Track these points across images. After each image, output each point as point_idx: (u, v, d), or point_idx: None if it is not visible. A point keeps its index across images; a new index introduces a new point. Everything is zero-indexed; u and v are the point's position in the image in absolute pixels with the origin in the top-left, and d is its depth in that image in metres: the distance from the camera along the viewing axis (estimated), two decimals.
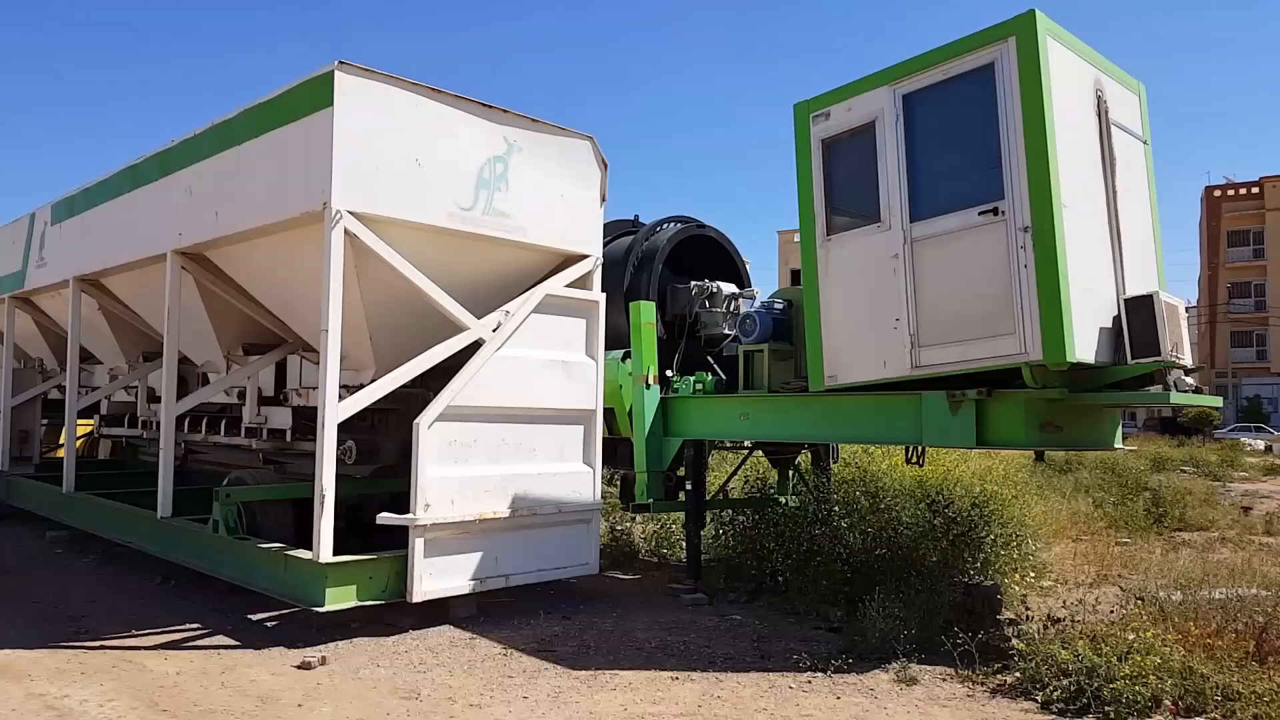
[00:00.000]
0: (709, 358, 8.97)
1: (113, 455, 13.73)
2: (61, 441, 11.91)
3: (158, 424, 8.78)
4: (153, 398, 10.71)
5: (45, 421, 13.06)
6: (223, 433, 9.31)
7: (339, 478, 6.52)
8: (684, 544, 8.69)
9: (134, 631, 6.53)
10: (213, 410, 9.71)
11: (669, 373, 8.43)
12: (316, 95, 6.46)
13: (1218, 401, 7.56)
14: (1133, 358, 5.86)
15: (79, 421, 11.18)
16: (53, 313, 11.77)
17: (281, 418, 8.51)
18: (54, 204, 10.75)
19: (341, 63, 6.36)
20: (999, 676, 5.56)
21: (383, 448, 7.66)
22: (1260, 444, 34.49)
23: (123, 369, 11.32)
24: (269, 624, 6.82)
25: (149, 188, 8.58)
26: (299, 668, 5.68)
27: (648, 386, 8.10)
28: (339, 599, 6.31)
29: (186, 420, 9.63)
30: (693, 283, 9.15)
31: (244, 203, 7.21)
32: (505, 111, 7.32)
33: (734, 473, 10.12)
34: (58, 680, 5.41)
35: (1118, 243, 6.26)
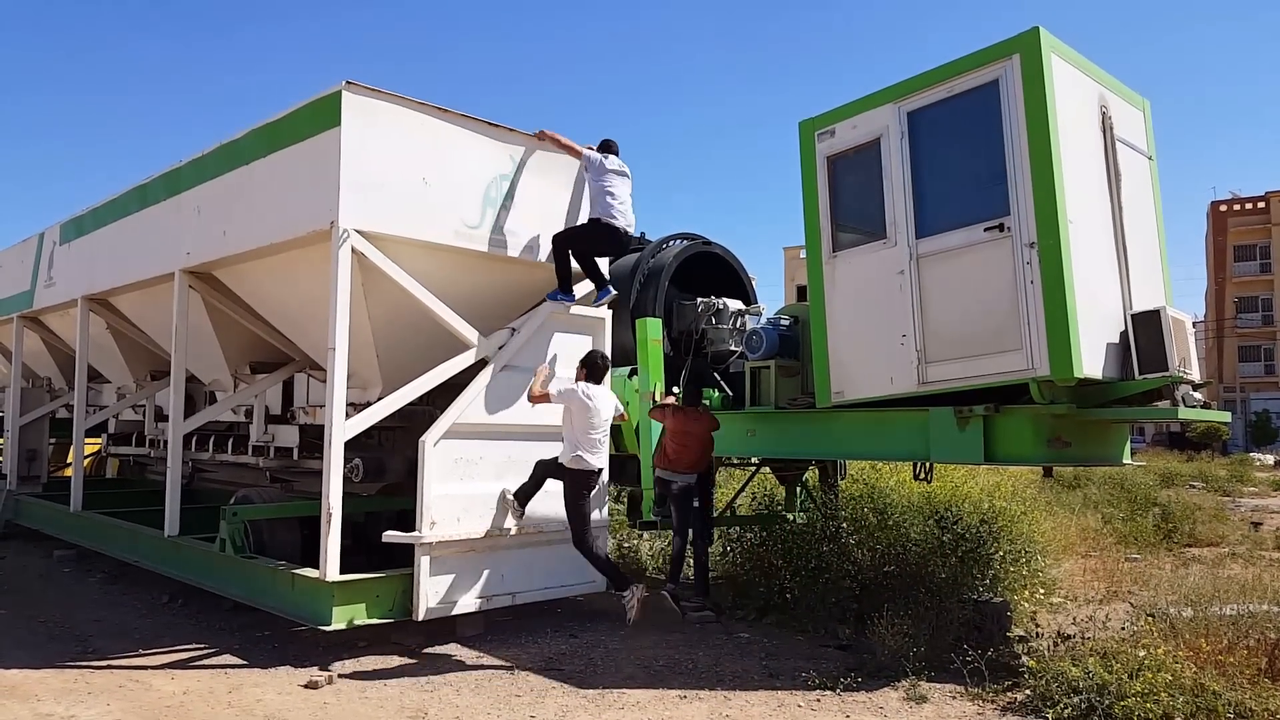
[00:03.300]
0: (715, 374, 8.97)
1: (120, 474, 13.75)
2: (69, 460, 11.94)
3: (165, 443, 8.80)
4: (160, 416, 10.73)
5: (53, 440, 13.07)
6: (230, 451, 9.31)
7: (346, 496, 6.52)
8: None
9: (140, 651, 6.52)
10: (220, 429, 9.73)
11: (675, 390, 8.43)
12: (324, 115, 6.51)
13: (1226, 416, 7.54)
14: (1140, 373, 5.85)
15: (87, 440, 11.21)
16: (61, 332, 11.82)
17: (289, 436, 8.52)
18: (62, 224, 10.82)
19: (349, 83, 6.41)
20: (1009, 694, 5.53)
21: (389, 466, 7.66)
22: (1270, 458, 34.27)
23: (130, 388, 11.36)
24: (276, 643, 6.80)
25: (157, 207, 8.64)
26: (306, 687, 5.66)
27: (654, 403, 8.11)
28: (346, 617, 6.30)
29: (194, 439, 9.64)
30: (699, 299, 9.16)
31: (252, 222, 7.25)
32: (511, 130, 7.36)
33: (741, 489, 10.10)
34: (64, 700, 5.40)
35: (1124, 258, 6.27)
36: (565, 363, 7.50)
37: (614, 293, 7.79)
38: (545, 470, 6.87)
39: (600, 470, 6.90)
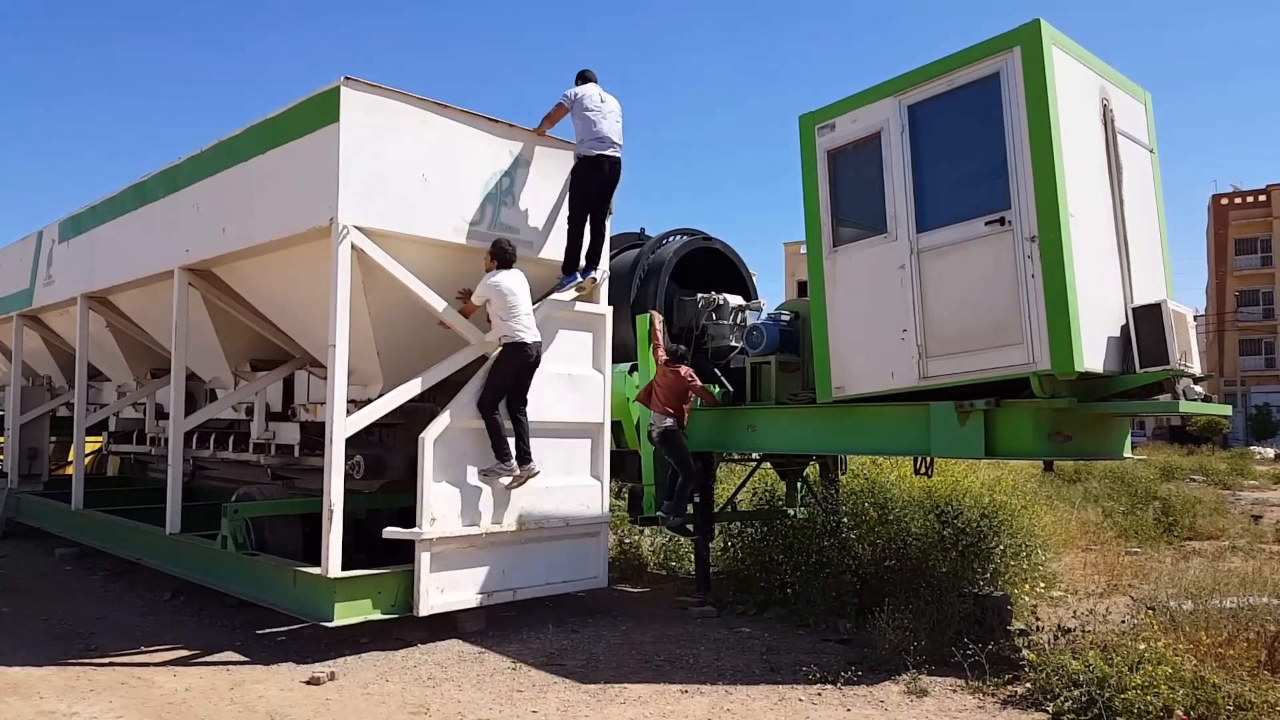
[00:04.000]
0: (716, 370, 8.97)
1: (121, 472, 13.75)
2: (70, 458, 11.94)
3: (166, 440, 8.80)
4: (161, 414, 10.74)
5: (54, 439, 13.07)
6: (231, 449, 9.31)
7: (347, 493, 6.52)
8: (692, 556, 8.66)
9: (142, 648, 6.53)
10: (221, 426, 9.72)
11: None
12: (323, 111, 6.50)
13: (1227, 410, 7.52)
14: (1141, 366, 5.84)
15: (87, 438, 11.21)
16: (61, 330, 11.81)
17: (289, 433, 8.52)
18: (61, 222, 10.81)
19: (348, 78, 6.40)
20: (1009, 687, 5.53)
21: (390, 462, 7.65)
22: (1270, 452, 34.29)
23: (131, 386, 11.36)
24: (278, 639, 6.80)
25: (156, 204, 8.62)
26: (308, 683, 5.66)
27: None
28: (348, 614, 6.30)
29: (194, 436, 9.64)
30: (699, 295, 9.15)
31: (251, 219, 7.24)
32: (511, 126, 7.35)
33: (742, 484, 10.09)
34: (66, 697, 5.40)
35: (1125, 251, 6.26)
36: (566, 359, 7.51)
37: (578, 281, 7.59)
38: (491, 370, 6.86)
39: (535, 343, 6.85)
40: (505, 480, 6.85)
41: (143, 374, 11.10)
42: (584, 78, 7.64)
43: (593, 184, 7.45)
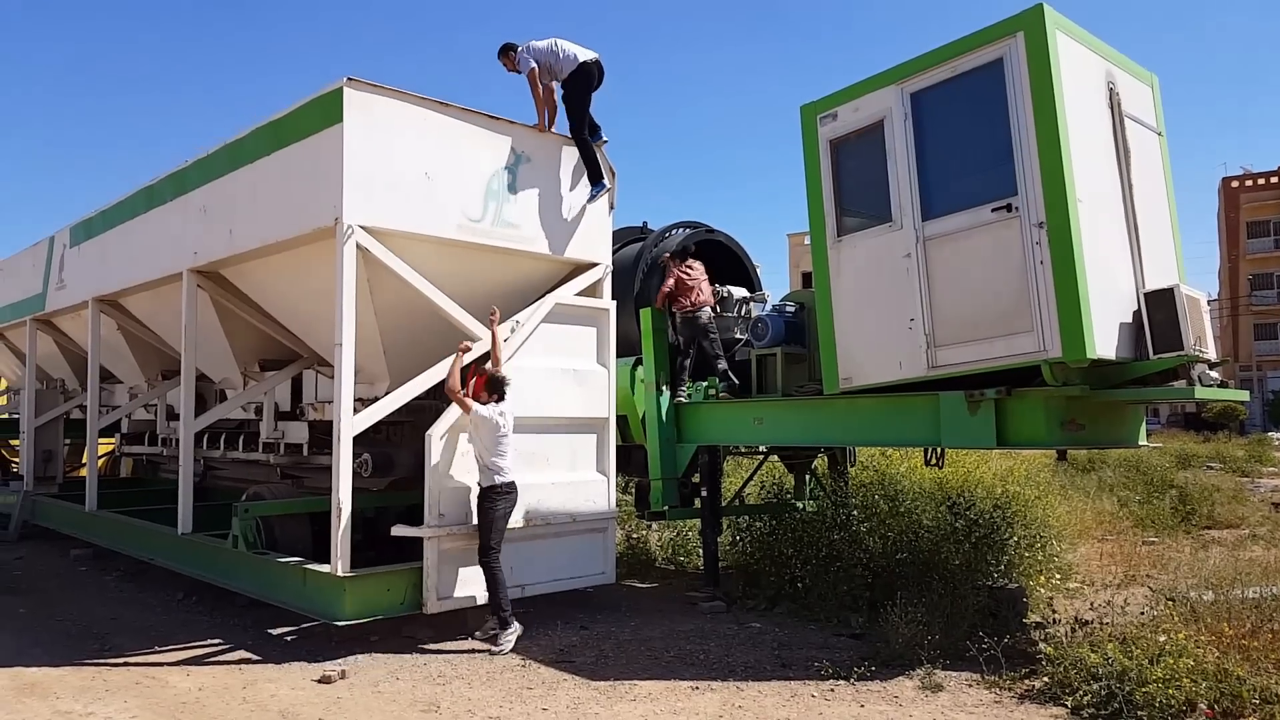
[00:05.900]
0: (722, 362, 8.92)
1: (134, 473, 13.82)
2: (84, 461, 12.01)
3: (177, 441, 8.84)
4: (172, 415, 10.78)
5: (68, 441, 13.16)
6: (241, 448, 9.35)
7: (355, 491, 6.53)
8: (701, 551, 8.63)
9: (156, 648, 6.55)
10: (231, 426, 9.76)
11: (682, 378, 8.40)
12: (326, 112, 6.50)
13: (1244, 395, 7.43)
14: (1155, 352, 5.77)
15: (100, 440, 11.28)
16: (73, 333, 11.89)
17: (298, 432, 8.54)
18: (72, 226, 10.88)
19: (350, 79, 6.39)
20: (1026, 681, 5.47)
21: (398, 460, 7.65)
22: None
23: (142, 387, 11.42)
24: (289, 638, 6.82)
25: (164, 208, 8.66)
26: (319, 682, 5.67)
27: (660, 393, 8.06)
28: (358, 612, 6.30)
29: (205, 437, 9.68)
30: None
31: (257, 220, 7.25)
32: (513, 123, 7.33)
33: (749, 478, 10.06)
34: (82, 697, 5.43)
35: (1135, 236, 6.18)
36: (570, 354, 7.48)
37: (608, 187, 7.84)
38: (481, 516, 6.51)
39: (513, 482, 6.53)
40: (506, 647, 6.33)
41: (154, 376, 11.16)
42: (511, 46, 7.84)
43: (587, 90, 7.72)
